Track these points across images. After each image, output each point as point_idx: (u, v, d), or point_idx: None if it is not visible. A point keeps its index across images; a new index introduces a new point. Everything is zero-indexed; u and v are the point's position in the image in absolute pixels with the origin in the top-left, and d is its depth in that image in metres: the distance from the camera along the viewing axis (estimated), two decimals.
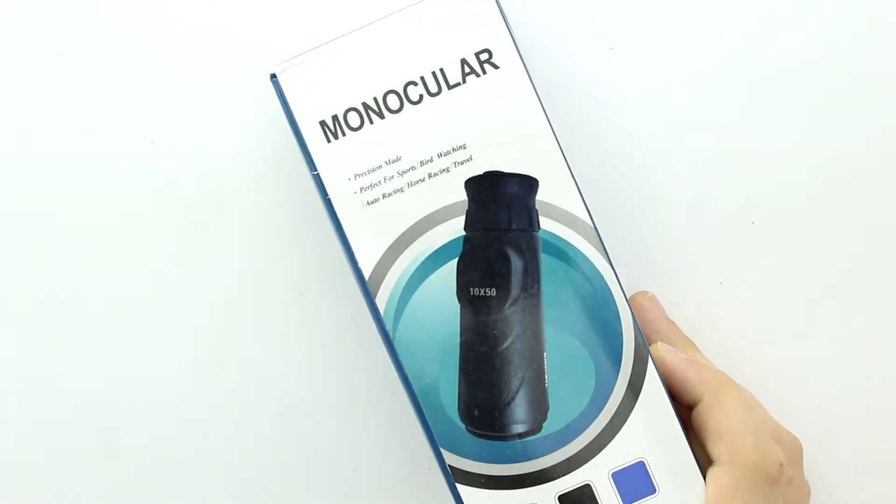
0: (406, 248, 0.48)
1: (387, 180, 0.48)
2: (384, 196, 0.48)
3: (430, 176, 0.48)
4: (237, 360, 0.58)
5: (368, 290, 0.48)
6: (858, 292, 0.55)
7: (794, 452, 0.50)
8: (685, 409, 0.50)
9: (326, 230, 0.55)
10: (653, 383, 0.49)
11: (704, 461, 0.49)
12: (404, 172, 0.48)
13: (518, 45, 0.49)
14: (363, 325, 0.57)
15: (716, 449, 0.48)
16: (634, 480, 0.48)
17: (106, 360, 0.58)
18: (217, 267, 0.57)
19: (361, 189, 0.48)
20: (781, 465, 0.47)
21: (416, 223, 0.48)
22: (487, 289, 0.48)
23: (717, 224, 0.55)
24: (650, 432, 0.48)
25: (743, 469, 0.47)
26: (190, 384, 0.58)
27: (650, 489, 0.48)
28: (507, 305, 0.48)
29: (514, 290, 0.48)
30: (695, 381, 0.49)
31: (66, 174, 0.57)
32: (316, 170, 0.48)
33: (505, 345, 0.48)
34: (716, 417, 0.48)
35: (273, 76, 0.49)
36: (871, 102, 0.55)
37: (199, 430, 0.58)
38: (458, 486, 0.48)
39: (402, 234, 0.48)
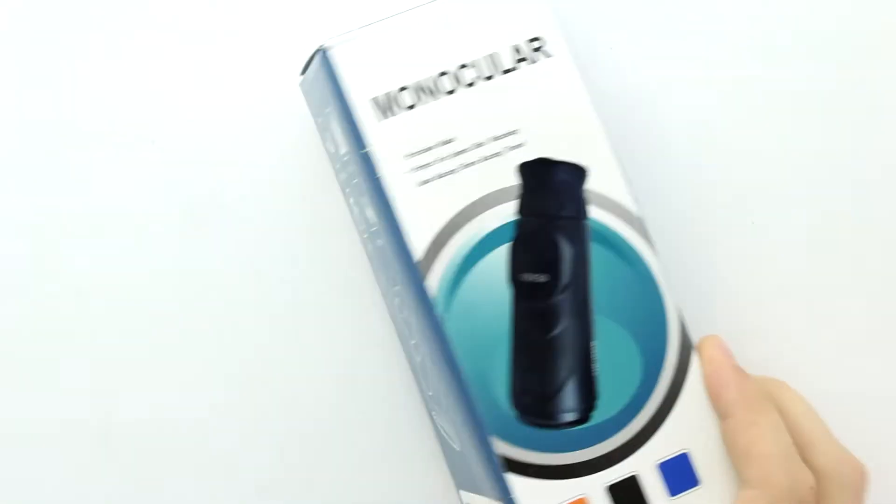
0: (458, 230, 0.47)
1: (439, 161, 0.47)
2: (436, 177, 0.47)
3: (482, 159, 0.48)
4: (238, 361, 0.57)
5: (418, 274, 0.47)
6: (860, 293, 0.57)
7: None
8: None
9: (328, 229, 0.55)
10: (697, 374, 0.49)
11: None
12: (457, 154, 0.48)
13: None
14: (365, 326, 0.56)
15: (746, 470, 0.47)
16: (679, 472, 0.48)
17: (107, 360, 0.57)
18: (220, 266, 0.57)
19: (413, 169, 0.47)
20: (812, 488, 0.47)
21: (468, 206, 0.47)
22: (539, 274, 0.48)
23: (717, 224, 0.56)
24: (693, 424, 0.48)
25: (776, 492, 0.46)
26: (191, 384, 0.57)
27: (693, 482, 0.48)
28: (557, 292, 0.48)
29: (565, 276, 0.48)
30: (734, 395, 0.48)
31: (66, 174, 0.57)
32: (366, 147, 0.47)
33: (555, 332, 0.48)
34: (749, 437, 0.47)
35: (322, 50, 0.47)
36: (874, 104, 0.57)
37: (200, 431, 0.56)
38: (509, 475, 0.47)
39: (454, 216, 0.47)
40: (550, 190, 0.48)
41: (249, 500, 0.56)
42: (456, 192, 0.47)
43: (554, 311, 0.48)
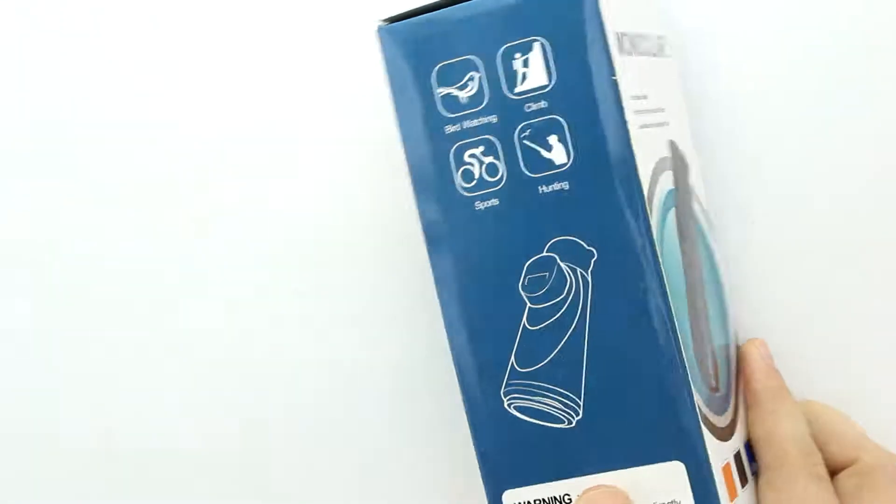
0: (656, 182, 0.48)
1: (644, 113, 0.48)
2: (643, 127, 0.48)
3: (660, 124, 0.50)
4: (241, 361, 0.58)
5: (645, 211, 0.46)
6: (861, 293, 0.56)
7: None
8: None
9: (336, 228, 0.57)
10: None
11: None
12: (651, 112, 0.49)
13: None
14: (368, 328, 0.57)
15: (765, 452, 0.51)
16: (749, 456, 0.52)
17: (107, 360, 0.58)
18: (222, 265, 0.58)
19: (633, 112, 0.48)
20: (819, 463, 0.51)
21: (658, 161, 0.49)
22: (685, 243, 0.50)
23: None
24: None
25: (791, 469, 0.50)
26: (193, 384, 0.58)
27: (753, 468, 0.52)
28: (696, 260, 0.51)
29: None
30: (760, 387, 0.52)
31: (73, 177, 0.59)
32: (616, 74, 0.46)
33: (699, 300, 0.50)
34: (768, 424, 0.52)
35: None
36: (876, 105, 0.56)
37: (201, 432, 0.58)
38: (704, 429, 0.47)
39: (653, 169, 0.48)
40: (684, 174, 0.52)
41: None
42: (652, 146, 0.48)
43: (700, 279, 0.50)
